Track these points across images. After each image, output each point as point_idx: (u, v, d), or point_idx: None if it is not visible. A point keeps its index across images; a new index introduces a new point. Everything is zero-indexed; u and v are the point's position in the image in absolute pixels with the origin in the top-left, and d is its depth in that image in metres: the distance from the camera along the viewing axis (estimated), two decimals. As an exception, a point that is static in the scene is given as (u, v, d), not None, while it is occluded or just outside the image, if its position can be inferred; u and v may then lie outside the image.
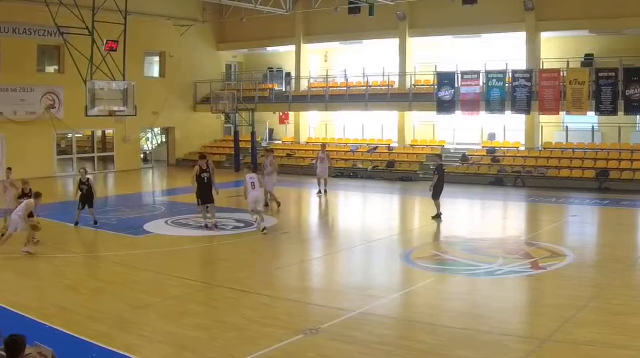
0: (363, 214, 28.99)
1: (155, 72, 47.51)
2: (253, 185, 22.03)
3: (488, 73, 35.84)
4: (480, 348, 11.07)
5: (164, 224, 23.69)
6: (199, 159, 23.26)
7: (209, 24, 48.05)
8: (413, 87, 40.33)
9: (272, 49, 49.17)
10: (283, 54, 48.81)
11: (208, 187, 22.53)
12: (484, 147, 38.37)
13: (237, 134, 43.55)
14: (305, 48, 45.99)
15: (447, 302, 14.25)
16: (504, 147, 37.82)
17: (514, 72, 35.13)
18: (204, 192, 22.54)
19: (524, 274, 16.14)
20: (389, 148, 41.17)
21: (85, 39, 28.07)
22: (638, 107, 31.68)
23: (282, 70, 49.26)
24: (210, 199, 22.61)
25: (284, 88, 48.01)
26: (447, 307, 13.75)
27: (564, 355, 10.77)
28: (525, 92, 34.43)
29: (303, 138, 45.83)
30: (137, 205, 28.55)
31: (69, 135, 41.81)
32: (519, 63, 36.27)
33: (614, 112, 32.21)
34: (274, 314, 13.13)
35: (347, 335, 11.70)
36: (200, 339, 11.59)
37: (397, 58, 41.24)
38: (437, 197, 24.13)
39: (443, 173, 24.74)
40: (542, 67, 35.75)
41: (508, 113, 35.83)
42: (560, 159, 34.43)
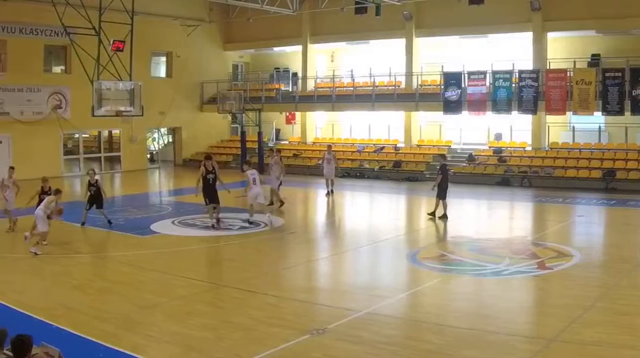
0: (369, 214, 29.00)
1: (162, 72, 47.55)
2: (254, 181, 22.62)
3: (494, 73, 35.78)
4: (487, 348, 11.07)
5: (171, 224, 23.72)
6: (205, 160, 23.38)
7: (216, 24, 48.09)
8: (419, 87, 40.32)
9: (278, 49, 49.19)
10: (290, 54, 48.80)
11: (214, 187, 22.72)
12: (491, 147, 38.33)
13: (243, 134, 43.52)
14: (312, 48, 45.99)
15: (453, 302, 14.24)
16: (511, 147, 37.77)
17: (521, 72, 35.04)
18: (210, 192, 22.70)
19: (531, 274, 16.12)
20: (396, 148, 41.16)
21: (92, 39, 28.08)
22: (645, 107, 31.65)
23: (288, 70, 49.23)
24: (216, 200, 22.76)
25: (291, 88, 47.97)
26: (453, 307, 13.74)
27: (571, 355, 10.76)
28: (532, 92, 34.38)
29: (309, 138, 45.84)
30: (143, 205, 28.58)
31: (76, 135, 41.86)
32: (526, 63, 36.24)
33: (621, 112, 32.13)
34: (281, 314, 13.13)
35: (353, 335, 11.71)
36: (207, 339, 11.61)
37: (403, 58, 41.21)
38: (443, 196, 24.18)
39: (447, 172, 24.82)
40: (548, 67, 35.71)
41: (514, 113, 35.74)
42: (567, 159, 34.37)
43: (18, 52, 36.81)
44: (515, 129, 38.53)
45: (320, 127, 47.22)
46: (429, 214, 24.38)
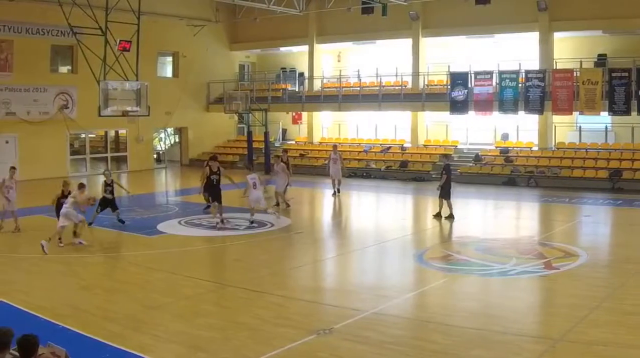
0: (376, 214, 29.02)
1: (168, 72, 47.60)
2: (254, 185, 22.83)
3: (501, 73, 35.77)
4: (493, 348, 11.06)
5: (177, 224, 23.74)
6: (210, 160, 23.62)
7: (222, 24, 48.12)
8: (426, 87, 40.33)
9: (285, 49, 49.20)
10: (296, 54, 48.82)
11: (217, 188, 23.07)
12: (497, 147, 38.31)
13: (250, 134, 43.52)
14: (318, 48, 46.02)
15: (460, 302, 14.21)
16: (517, 147, 37.74)
17: (527, 72, 35.02)
18: (214, 192, 23.14)
19: (537, 274, 16.11)
20: (402, 148, 41.13)
21: (98, 39, 28.11)
22: (651, 106, 31.62)
23: (295, 70, 49.29)
24: (219, 199, 23.02)
25: (297, 88, 48.04)
26: (460, 307, 13.72)
27: (577, 355, 10.74)
28: (538, 92, 34.34)
29: (316, 138, 45.88)
30: (150, 205, 28.58)
31: (82, 135, 41.89)
32: (532, 63, 36.24)
33: (627, 112, 32.12)
34: (287, 314, 13.14)
35: (360, 335, 11.71)
36: (214, 339, 11.62)
37: (410, 58, 41.22)
38: (448, 197, 24.18)
39: (451, 172, 24.83)
40: (555, 67, 35.65)
41: (521, 113, 35.72)
42: (573, 159, 34.33)
43: (24, 52, 36.83)
44: (522, 129, 38.55)
45: (327, 127, 47.27)
46: (435, 216, 24.38)
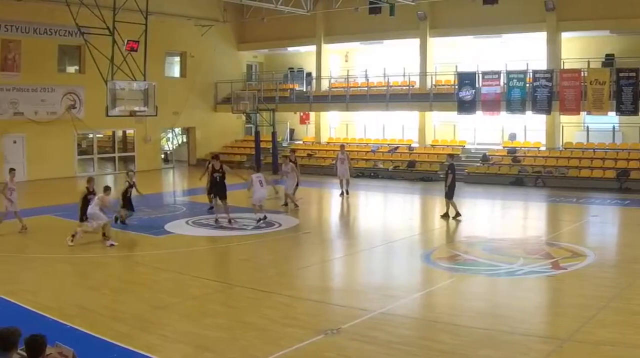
0: (384, 214, 29.02)
1: (176, 72, 47.66)
2: (261, 183, 23.08)
3: (509, 73, 35.73)
4: (501, 348, 11.06)
5: (185, 224, 23.78)
6: (212, 159, 24.13)
7: (230, 24, 48.13)
8: (434, 87, 40.29)
9: (292, 49, 49.20)
10: (304, 54, 48.82)
11: (221, 185, 23.37)
12: (505, 147, 38.27)
13: (257, 134, 43.53)
14: (326, 48, 46.00)
15: (467, 302, 14.21)
16: (525, 147, 37.69)
17: (535, 72, 34.96)
18: (219, 190, 23.45)
19: (545, 274, 16.09)
20: (410, 148, 41.11)
21: (106, 39, 28.20)
22: (659, 107, 31.55)
23: (302, 70, 49.31)
24: (225, 196, 23.35)
25: (305, 88, 48.08)
26: (467, 307, 13.71)
27: (585, 355, 10.74)
28: (546, 92, 34.28)
29: (324, 138, 45.88)
30: (158, 205, 28.59)
31: (90, 135, 41.95)
32: (540, 63, 36.16)
33: (635, 112, 32.03)
34: (295, 314, 13.15)
35: (367, 335, 11.72)
36: (221, 339, 11.63)
37: (417, 58, 41.18)
38: (452, 196, 24.21)
39: (455, 172, 24.86)
40: (562, 67, 35.59)
41: (529, 113, 35.66)
42: (581, 159, 34.26)
43: (32, 52, 36.88)
44: (529, 129, 38.50)
45: (335, 127, 47.27)
46: (442, 216, 24.38)
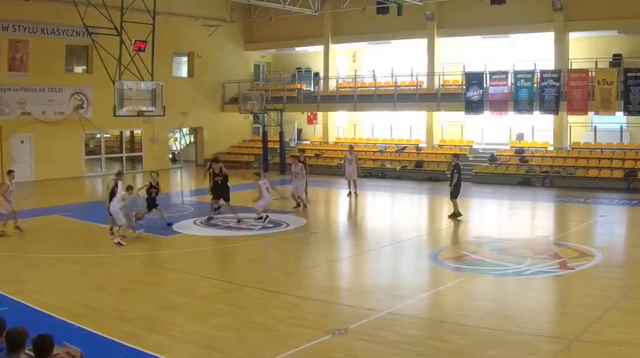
0: (391, 214, 29.01)
1: (184, 72, 47.69)
2: (267, 190, 23.57)
3: (516, 73, 35.68)
4: (509, 348, 11.05)
5: (192, 224, 23.80)
6: (212, 162, 24.68)
7: (237, 24, 48.12)
8: (441, 87, 40.25)
9: (300, 49, 49.17)
10: (311, 54, 48.82)
11: (224, 187, 23.89)
12: (512, 147, 38.22)
13: (265, 134, 43.57)
14: (334, 48, 45.98)
15: (475, 302, 14.19)
16: (532, 147, 37.62)
17: (542, 72, 34.90)
18: (223, 193, 23.92)
19: (552, 274, 16.06)
20: (417, 148, 41.07)
21: (114, 39, 28.25)
22: (667, 107, 31.46)
23: (310, 70, 49.31)
24: (226, 198, 23.87)
25: (312, 88, 48.07)
26: (475, 307, 13.69)
27: (592, 355, 10.72)
28: (554, 92, 34.21)
29: (331, 138, 45.87)
30: (165, 205, 28.53)
31: (97, 135, 42.03)
32: (547, 63, 36.08)
33: (643, 112, 32.01)
34: (302, 314, 13.15)
35: (375, 335, 11.72)
36: (228, 339, 11.64)
37: (425, 58, 41.14)
38: (456, 196, 24.22)
39: (461, 171, 24.86)
40: (570, 67, 35.51)
41: (536, 113, 35.58)
42: (589, 159, 34.19)
43: (40, 52, 36.91)
44: (537, 129, 38.43)
45: (342, 127, 47.26)
46: (450, 216, 24.37)
